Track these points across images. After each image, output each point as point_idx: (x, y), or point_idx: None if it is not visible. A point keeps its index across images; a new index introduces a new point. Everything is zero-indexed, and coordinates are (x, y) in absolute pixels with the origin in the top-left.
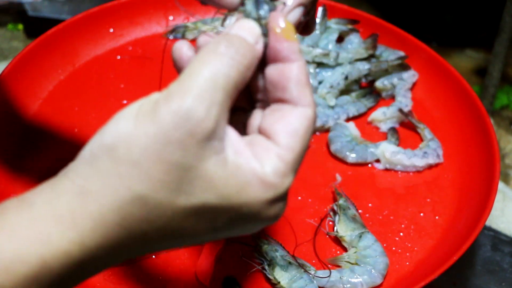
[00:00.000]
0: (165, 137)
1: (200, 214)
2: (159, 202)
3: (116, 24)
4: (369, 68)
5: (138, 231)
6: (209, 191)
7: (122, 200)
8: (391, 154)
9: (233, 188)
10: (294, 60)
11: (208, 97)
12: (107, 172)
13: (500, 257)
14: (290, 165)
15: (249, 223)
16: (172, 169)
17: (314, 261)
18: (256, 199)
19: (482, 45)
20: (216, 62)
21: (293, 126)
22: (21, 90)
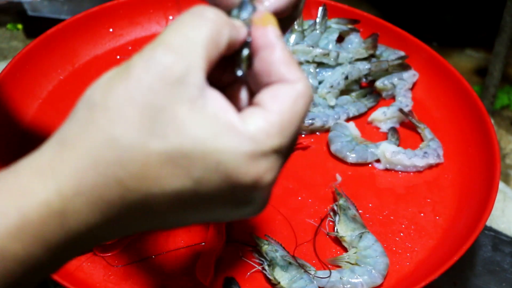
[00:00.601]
0: (136, 81)
1: (176, 161)
2: (131, 143)
3: (116, 24)
4: (369, 68)
5: (113, 177)
6: (183, 134)
7: (95, 143)
8: (391, 154)
9: (209, 132)
10: (274, 44)
11: (177, 45)
12: (84, 120)
13: (500, 257)
14: (276, 126)
15: (230, 180)
16: (145, 109)
17: (314, 261)
18: (234, 149)
19: (482, 45)
20: (185, 19)
21: (281, 94)
22: (20, 90)
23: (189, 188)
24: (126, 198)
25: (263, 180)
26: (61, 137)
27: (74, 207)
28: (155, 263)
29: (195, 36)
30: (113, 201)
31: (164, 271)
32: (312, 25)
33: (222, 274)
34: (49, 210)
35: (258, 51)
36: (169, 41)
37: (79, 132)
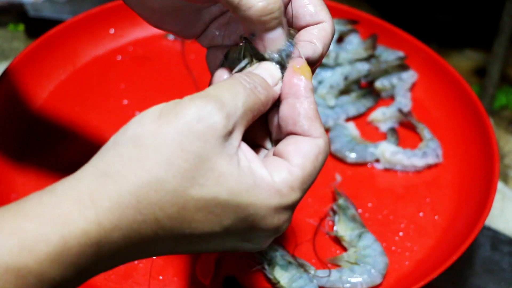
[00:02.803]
0: (187, 128)
1: (210, 208)
2: (175, 188)
3: (117, 24)
4: (368, 68)
5: (152, 217)
6: (221, 185)
7: (140, 182)
8: (390, 154)
9: (243, 187)
10: (305, 96)
11: (228, 107)
12: (129, 157)
13: (499, 256)
14: (299, 181)
15: (254, 228)
16: (191, 157)
17: (314, 261)
18: (263, 202)
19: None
20: (238, 86)
21: (305, 149)
22: (21, 90)
23: (217, 232)
24: (159, 235)
25: (281, 229)
26: (103, 169)
27: (111, 239)
28: (155, 263)
29: (244, 105)
30: (147, 236)
31: (164, 271)
32: None
33: (222, 273)
34: (87, 240)
35: (289, 97)
36: (223, 101)
37: (124, 168)
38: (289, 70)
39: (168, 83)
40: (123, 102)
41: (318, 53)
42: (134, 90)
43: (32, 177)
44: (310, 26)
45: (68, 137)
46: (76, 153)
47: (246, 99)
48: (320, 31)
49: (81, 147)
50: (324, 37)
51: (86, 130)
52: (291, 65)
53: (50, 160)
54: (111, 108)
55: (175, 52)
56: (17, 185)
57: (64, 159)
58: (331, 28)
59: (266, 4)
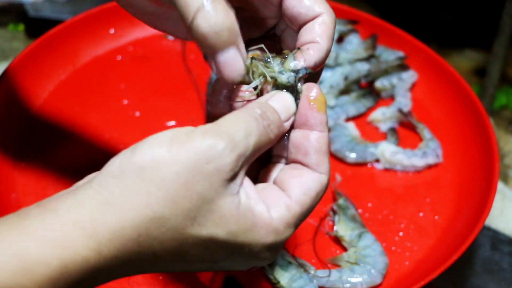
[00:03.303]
0: (196, 168)
1: (206, 246)
2: (176, 225)
3: (117, 24)
4: (368, 68)
5: (150, 250)
6: (220, 226)
7: (143, 218)
8: (390, 154)
9: (242, 228)
10: (320, 130)
11: (240, 148)
12: (134, 190)
13: (499, 256)
14: (295, 218)
15: (244, 260)
16: (195, 198)
17: (314, 261)
18: (259, 241)
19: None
20: (252, 123)
21: (308, 185)
22: (21, 90)
23: (209, 262)
24: (155, 264)
25: (271, 259)
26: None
27: (109, 267)
28: None
29: (255, 146)
30: (143, 266)
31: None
32: None
33: (222, 274)
34: (87, 266)
35: (304, 127)
36: (236, 141)
37: (127, 201)
38: (304, 100)
39: (168, 83)
40: (123, 102)
41: (323, 52)
42: (134, 90)
43: (32, 177)
44: (309, 22)
45: (68, 137)
46: (76, 153)
47: (258, 138)
48: (320, 26)
49: (81, 147)
50: (326, 31)
51: (86, 130)
52: (306, 95)
53: (50, 160)
54: (111, 108)
55: (175, 52)
56: (17, 185)
57: (64, 159)
58: (330, 18)
59: (212, 27)
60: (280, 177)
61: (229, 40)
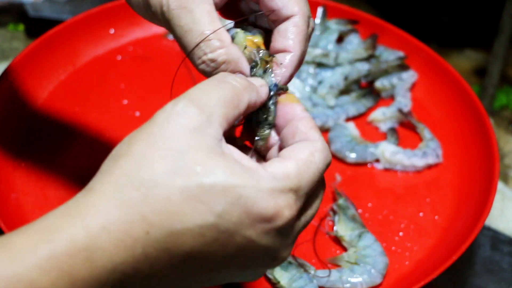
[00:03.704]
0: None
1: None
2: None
3: (117, 24)
4: (368, 68)
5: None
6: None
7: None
8: (390, 154)
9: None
10: (301, 116)
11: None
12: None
13: (499, 256)
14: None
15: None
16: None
17: (314, 261)
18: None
19: (481, 45)
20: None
21: (300, 148)
22: (21, 90)
23: (211, 223)
24: (151, 234)
25: (282, 215)
26: (87, 187)
27: (99, 243)
28: None
29: (216, 96)
30: (138, 237)
31: None
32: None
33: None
34: (75, 245)
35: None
36: (191, 96)
37: (104, 178)
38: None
39: (168, 83)
40: (123, 102)
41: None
42: (134, 90)
43: (32, 177)
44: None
45: (68, 137)
46: (76, 153)
47: (219, 91)
48: (293, 29)
49: (81, 147)
50: (298, 35)
51: (86, 130)
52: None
53: (50, 160)
54: (111, 108)
55: (175, 52)
56: (17, 185)
57: (64, 159)
58: (303, 20)
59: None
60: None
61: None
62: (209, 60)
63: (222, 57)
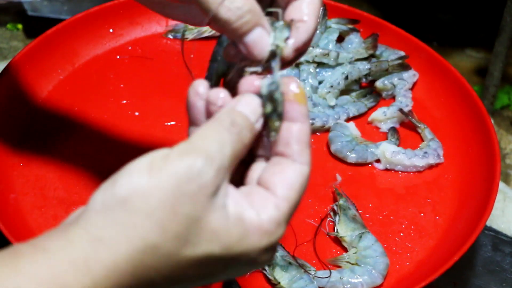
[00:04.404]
0: (179, 190)
1: (203, 264)
2: (169, 251)
3: (116, 24)
4: (369, 68)
5: (147, 279)
6: (214, 242)
7: (135, 249)
8: (391, 154)
9: (234, 238)
10: (301, 121)
11: (217, 161)
12: (121, 223)
13: (500, 257)
14: (285, 215)
15: (242, 268)
16: (183, 220)
17: (314, 262)
18: (254, 247)
19: (482, 45)
20: (224, 134)
21: (291, 179)
22: (20, 90)
23: (208, 277)
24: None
25: (270, 260)
26: (96, 234)
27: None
28: None
29: (232, 155)
30: None
31: None
32: None
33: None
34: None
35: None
36: (212, 156)
37: (117, 235)
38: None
39: (168, 83)
40: (122, 102)
41: (311, 32)
42: (134, 90)
43: (31, 177)
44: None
45: (67, 137)
46: (76, 153)
47: (233, 147)
48: (308, 5)
49: (80, 147)
50: (313, 11)
51: (86, 130)
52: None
53: (49, 161)
54: (110, 108)
55: (175, 51)
56: (15, 185)
57: (63, 159)
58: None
59: (233, 12)
60: (263, 177)
61: (253, 21)
62: (235, 7)
63: (247, 6)
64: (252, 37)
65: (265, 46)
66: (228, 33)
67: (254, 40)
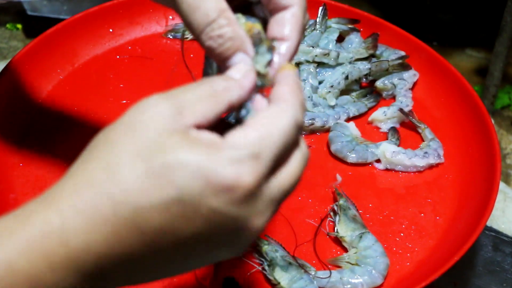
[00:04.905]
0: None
1: (158, 175)
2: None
3: (116, 23)
4: (369, 67)
5: (105, 194)
6: (166, 155)
7: (93, 173)
8: (391, 154)
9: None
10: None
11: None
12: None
13: (501, 257)
14: (253, 137)
15: (211, 186)
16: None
17: (315, 262)
18: (210, 155)
19: (483, 45)
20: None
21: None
22: (20, 90)
23: (174, 197)
24: (117, 211)
25: (243, 182)
26: (65, 174)
27: (72, 224)
28: None
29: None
30: (106, 214)
31: None
32: (312, 24)
33: (221, 274)
34: (49, 227)
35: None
36: (166, 94)
37: (79, 165)
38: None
39: (168, 83)
40: (122, 102)
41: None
42: (133, 90)
43: (30, 177)
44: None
45: (66, 137)
46: (75, 153)
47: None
48: (291, 19)
49: (80, 147)
50: (296, 25)
51: (85, 130)
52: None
53: (49, 160)
54: (110, 108)
55: (175, 51)
56: (15, 185)
57: (63, 159)
58: (301, 11)
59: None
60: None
61: (234, 47)
62: (216, 36)
63: (229, 34)
64: (234, 62)
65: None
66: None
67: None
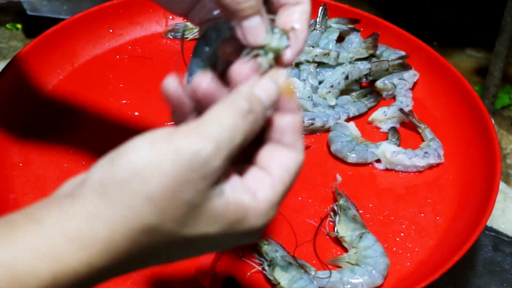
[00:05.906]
0: (181, 176)
1: (199, 242)
2: (166, 232)
3: (116, 23)
4: (369, 67)
5: (141, 256)
6: (211, 225)
7: (133, 229)
8: (391, 154)
9: (233, 221)
10: (293, 112)
11: (225, 151)
12: (121, 203)
13: (501, 257)
14: (279, 196)
15: (230, 243)
16: (183, 206)
17: (315, 262)
18: (250, 227)
19: (483, 45)
20: (238, 121)
21: (287, 163)
22: (20, 90)
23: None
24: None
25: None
26: (93, 211)
27: (100, 275)
28: None
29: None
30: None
31: (164, 271)
32: (312, 24)
33: (222, 274)
34: (78, 278)
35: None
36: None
37: (114, 214)
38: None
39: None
40: (122, 102)
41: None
42: (133, 90)
43: (30, 177)
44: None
45: (66, 137)
46: (75, 153)
47: (245, 136)
48: (301, 15)
49: (80, 147)
50: (306, 20)
51: (85, 130)
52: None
53: (49, 160)
54: (110, 108)
55: (174, 51)
56: (15, 185)
57: (63, 159)
58: (309, 8)
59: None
60: (260, 157)
61: (255, 8)
62: None
63: None
64: (250, 23)
65: (261, 35)
66: (228, 13)
67: (252, 26)
